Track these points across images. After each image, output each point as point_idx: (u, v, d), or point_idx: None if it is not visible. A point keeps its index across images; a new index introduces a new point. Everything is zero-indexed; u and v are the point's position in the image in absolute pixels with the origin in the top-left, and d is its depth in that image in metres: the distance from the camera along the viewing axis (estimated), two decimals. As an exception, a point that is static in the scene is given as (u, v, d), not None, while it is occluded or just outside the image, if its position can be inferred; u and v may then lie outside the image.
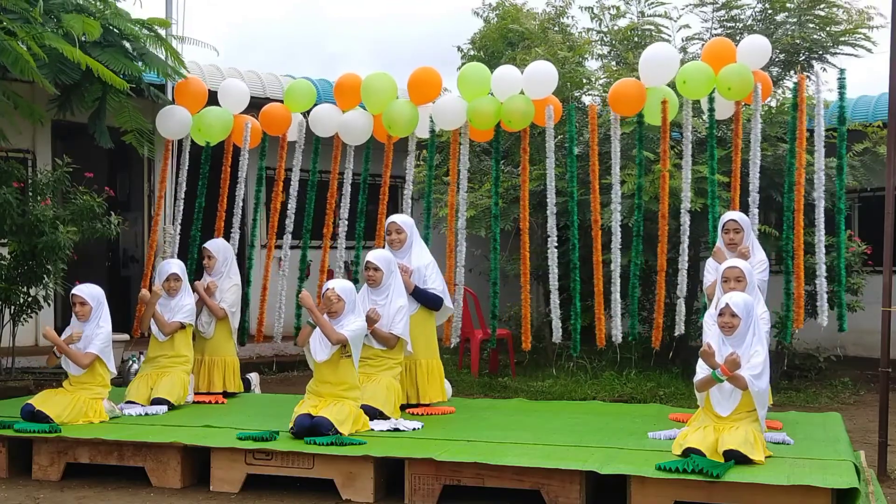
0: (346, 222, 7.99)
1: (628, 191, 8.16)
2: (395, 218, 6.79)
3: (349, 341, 5.75)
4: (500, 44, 11.43)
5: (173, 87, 8.08)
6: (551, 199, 7.40)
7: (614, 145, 7.30)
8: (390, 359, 6.34)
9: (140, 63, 7.38)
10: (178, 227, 8.02)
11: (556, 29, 11.45)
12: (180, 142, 8.08)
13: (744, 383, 5.09)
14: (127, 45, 7.37)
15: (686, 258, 7.10)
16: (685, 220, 7.07)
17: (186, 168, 8.00)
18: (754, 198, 6.83)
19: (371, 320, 6.13)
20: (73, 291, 6.28)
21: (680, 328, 7.12)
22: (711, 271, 6.26)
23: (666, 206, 7.12)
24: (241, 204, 8.11)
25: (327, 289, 5.88)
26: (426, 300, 6.66)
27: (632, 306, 7.22)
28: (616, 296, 7.21)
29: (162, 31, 7.64)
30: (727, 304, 5.26)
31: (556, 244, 7.37)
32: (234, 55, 24.98)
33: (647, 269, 8.66)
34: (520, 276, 7.61)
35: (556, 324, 7.41)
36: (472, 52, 11.98)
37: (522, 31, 11.20)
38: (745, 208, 6.82)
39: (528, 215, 7.61)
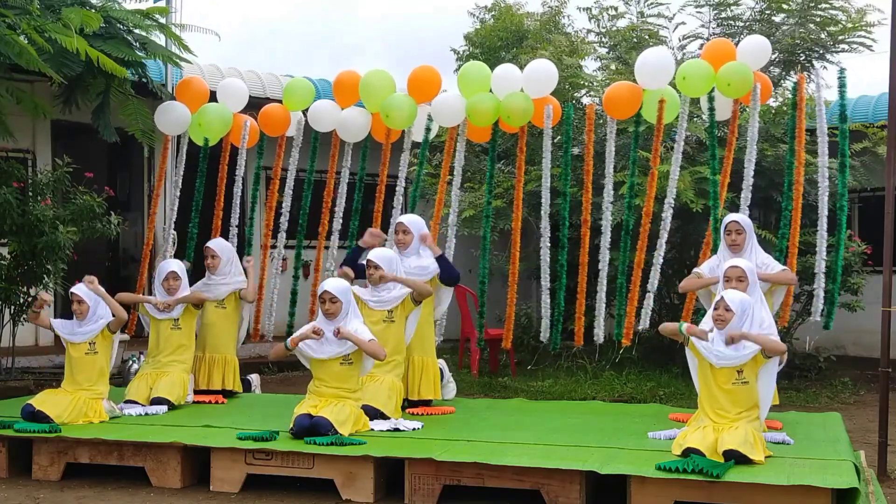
0: (342, 221, 7.99)
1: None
2: (402, 218, 6.77)
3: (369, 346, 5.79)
4: (495, 44, 11.41)
5: (175, 85, 8.08)
6: (546, 199, 7.42)
7: (609, 146, 7.31)
8: (392, 359, 6.34)
9: (142, 53, 7.38)
10: (172, 224, 8.02)
11: (553, 28, 11.46)
12: (179, 140, 8.08)
13: (766, 342, 5.16)
14: (129, 37, 7.37)
15: (662, 254, 7.15)
16: (667, 216, 7.11)
17: (183, 166, 8.01)
18: (746, 196, 6.84)
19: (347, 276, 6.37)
20: (72, 290, 6.28)
21: (645, 323, 7.18)
22: (704, 271, 6.28)
23: (651, 204, 7.15)
24: (238, 203, 8.12)
25: (323, 291, 5.88)
26: (447, 269, 6.67)
27: (618, 305, 7.26)
28: (601, 295, 7.25)
29: (161, 20, 7.64)
30: (721, 298, 5.28)
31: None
32: (235, 55, 25.00)
33: (647, 269, 8.66)
34: (522, 276, 7.62)
35: (546, 324, 7.43)
36: (467, 53, 11.95)
37: (522, 32, 11.20)
38: (736, 206, 6.85)
39: (528, 216, 7.61)
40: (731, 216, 6.30)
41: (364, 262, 6.53)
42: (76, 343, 6.20)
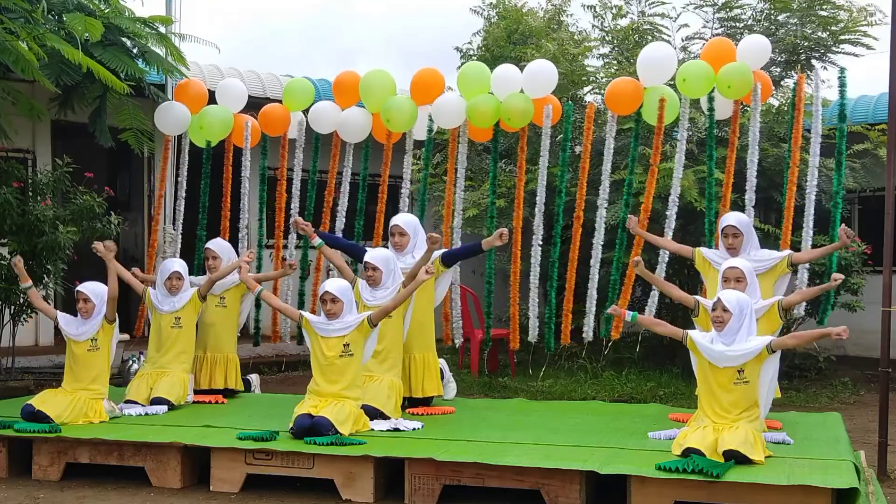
0: (344, 221, 7.99)
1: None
2: (397, 220, 6.72)
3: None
4: (505, 44, 11.44)
5: (174, 88, 8.09)
6: (541, 197, 7.45)
7: (608, 143, 7.32)
8: (390, 358, 6.34)
9: (141, 62, 7.39)
10: (181, 226, 8.04)
11: (557, 26, 11.48)
12: (180, 141, 8.08)
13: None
14: (128, 42, 7.38)
15: (667, 253, 7.15)
16: (671, 213, 7.12)
17: (186, 167, 8.01)
18: (751, 197, 6.84)
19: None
20: (78, 288, 6.28)
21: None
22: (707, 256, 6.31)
23: (650, 201, 7.16)
24: (245, 204, 8.12)
25: (324, 291, 5.88)
26: (463, 253, 6.93)
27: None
28: (592, 293, 7.27)
29: (163, 29, 7.65)
30: (719, 299, 5.28)
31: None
32: (235, 55, 25.04)
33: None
34: (522, 275, 7.63)
35: (533, 322, 7.46)
36: (472, 53, 11.98)
37: (527, 31, 11.23)
38: (740, 208, 6.84)
39: (529, 215, 7.62)
40: (728, 219, 6.18)
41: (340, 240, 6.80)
42: (79, 341, 6.20)
